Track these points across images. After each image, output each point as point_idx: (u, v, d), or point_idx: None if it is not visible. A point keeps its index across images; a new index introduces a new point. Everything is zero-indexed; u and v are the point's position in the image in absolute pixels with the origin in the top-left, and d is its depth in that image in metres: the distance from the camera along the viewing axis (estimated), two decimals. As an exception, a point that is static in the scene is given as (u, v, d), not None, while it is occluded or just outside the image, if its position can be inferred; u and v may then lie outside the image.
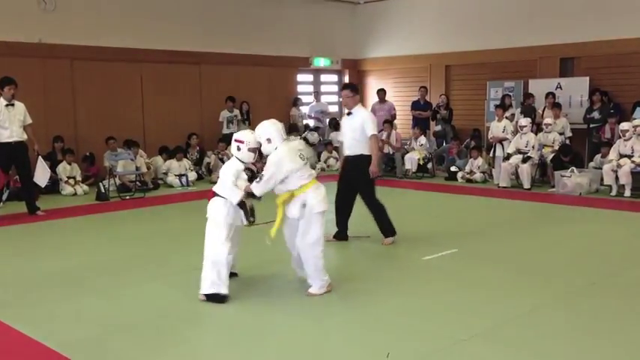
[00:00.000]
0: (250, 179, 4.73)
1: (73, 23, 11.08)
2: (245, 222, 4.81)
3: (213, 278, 4.63)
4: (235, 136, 4.93)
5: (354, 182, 6.48)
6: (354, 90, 6.31)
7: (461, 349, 3.82)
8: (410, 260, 5.91)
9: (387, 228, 6.54)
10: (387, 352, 3.72)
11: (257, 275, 5.37)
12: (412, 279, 5.33)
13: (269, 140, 4.77)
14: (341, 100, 6.33)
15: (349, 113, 6.31)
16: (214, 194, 4.79)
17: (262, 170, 4.75)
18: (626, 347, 3.87)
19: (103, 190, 9.82)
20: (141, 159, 10.98)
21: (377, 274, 5.50)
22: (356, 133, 6.21)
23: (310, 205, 4.74)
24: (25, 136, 8.28)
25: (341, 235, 6.66)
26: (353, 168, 6.40)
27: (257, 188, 4.67)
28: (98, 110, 11.52)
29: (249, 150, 4.81)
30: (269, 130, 4.81)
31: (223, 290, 4.65)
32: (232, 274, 5.02)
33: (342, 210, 6.62)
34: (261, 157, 4.94)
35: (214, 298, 4.64)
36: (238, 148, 4.83)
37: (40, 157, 8.53)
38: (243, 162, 4.84)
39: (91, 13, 11.32)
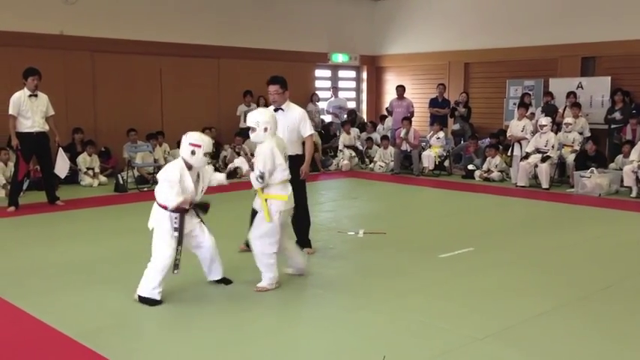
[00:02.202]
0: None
1: (94, 16, 11.19)
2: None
3: (150, 285, 4.56)
4: (190, 139, 4.60)
5: (294, 185, 5.66)
6: (284, 85, 5.72)
7: (475, 349, 3.81)
8: (426, 258, 5.89)
9: (306, 240, 6.07)
10: (397, 347, 3.72)
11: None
12: (428, 277, 5.32)
13: (266, 129, 4.76)
14: (269, 95, 5.74)
15: (277, 109, 5.68)
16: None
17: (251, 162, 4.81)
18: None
19: (121, 182, 9.92)
20: (159, 151, 11.07)
21: (392, 271, 5.49)
22: (293, 133, 5.72)
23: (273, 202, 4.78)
24: (47, 127, 8.36)
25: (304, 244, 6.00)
26: (292, 170, 5.48)
27: (257, 183, 4.70)
28: (118, 102, 11.63)
29: (205, 154, 4.64)
30: (268, 119, 4.79)
31: (156, 296, 4.55)
32: (227, 281, 5.00)
33: (297, 221, 5.83)
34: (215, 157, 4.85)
35: (146, 302, 4.56)
36: (193, 152, 4.56)
37: (60, 148, 8.62)
38: (193, 165, 4.63)
39: (112, 6, 11.41)
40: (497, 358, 3.71)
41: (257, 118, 4.78)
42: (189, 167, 4.63)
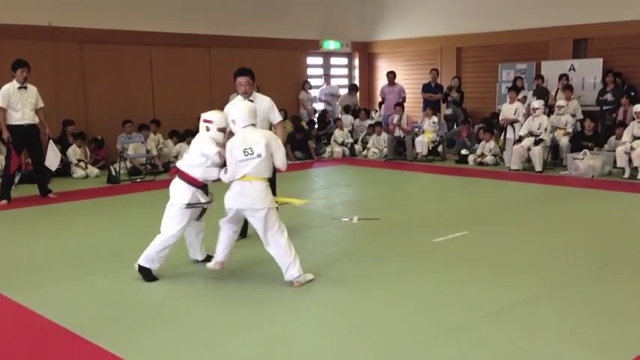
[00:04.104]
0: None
1: (83, 6, 11.08)
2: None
3: (152, 255, 4.76)
4: (204, 115, 4.89)
5: None
6: (253, 76, 5.88)
7: (470, 330, 3.82)
8: (420, 242, 5.90)
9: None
10: (393, 330, 3.72)
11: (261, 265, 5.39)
12: (422, 261, 5.32)
13: (234, 122, 4.72)
14: (239, 86, 5.80)
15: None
16: (179, 174, 4.78)
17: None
18: (639, 327, 3.86)
19: (114, 173, 9.88)
20: (152, 142, 11.01)
21: (387, 256, 5.50)
22: (264, 122, 5.87)
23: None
24: (37, 120, 8.30)
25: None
26: None
27: (224, 177, 4.66)
28: (108, 93, 11.55)
29: (219, 130, 4.80)
30: (235, 111, 4.73)
31: (154, 267, 4.81)
32: (207, 258, 5.10)
33: None
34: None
35: (145, 273, 4.79)
36: (207, 129, 4.81)
37: (50, 140, 8.56)
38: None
39: (101, -4, 11.31)
40: (493, 338, 3.72)
41: (228, 112, 4.82)
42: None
